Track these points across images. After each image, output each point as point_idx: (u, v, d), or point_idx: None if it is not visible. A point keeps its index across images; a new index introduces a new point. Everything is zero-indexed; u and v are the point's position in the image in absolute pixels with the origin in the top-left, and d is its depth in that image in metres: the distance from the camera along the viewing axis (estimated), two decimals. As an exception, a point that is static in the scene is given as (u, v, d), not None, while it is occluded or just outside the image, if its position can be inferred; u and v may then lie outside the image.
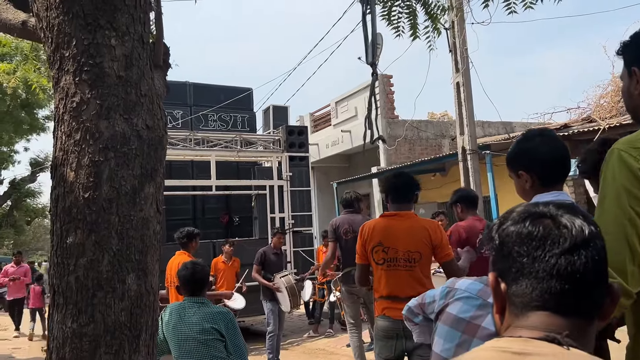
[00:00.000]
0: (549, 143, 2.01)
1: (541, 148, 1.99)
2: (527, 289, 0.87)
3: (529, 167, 1.98)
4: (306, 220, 10.62)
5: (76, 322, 1.91)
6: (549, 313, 0.86)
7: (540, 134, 2.10)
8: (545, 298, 0.86)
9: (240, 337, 3.22)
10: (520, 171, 2.00)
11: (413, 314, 2.50)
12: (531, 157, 1.99)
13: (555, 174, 1.99)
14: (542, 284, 0.86)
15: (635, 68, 1.65)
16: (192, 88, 10.93)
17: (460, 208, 4.67)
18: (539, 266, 0.87)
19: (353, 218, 5.62)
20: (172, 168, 10.03)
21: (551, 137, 2.06)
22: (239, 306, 7.42)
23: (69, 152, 1.99)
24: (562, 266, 0.85)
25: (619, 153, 1.50)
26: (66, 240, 1.94)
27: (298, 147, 10.51)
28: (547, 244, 0.87)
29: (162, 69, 2.50)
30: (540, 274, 0.86)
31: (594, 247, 0.87)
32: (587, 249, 0.86)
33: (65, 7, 2.00)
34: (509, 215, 0.96)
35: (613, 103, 9.17)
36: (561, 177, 2.01)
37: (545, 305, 0.86)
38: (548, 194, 1.91)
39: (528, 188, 1.99)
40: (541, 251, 0.87)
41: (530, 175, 1.97)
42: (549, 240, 0.88)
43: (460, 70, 8.10)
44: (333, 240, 5.74)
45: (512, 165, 2.07)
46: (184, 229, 5.74)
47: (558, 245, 0.87)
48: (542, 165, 1.96)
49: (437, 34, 4.24)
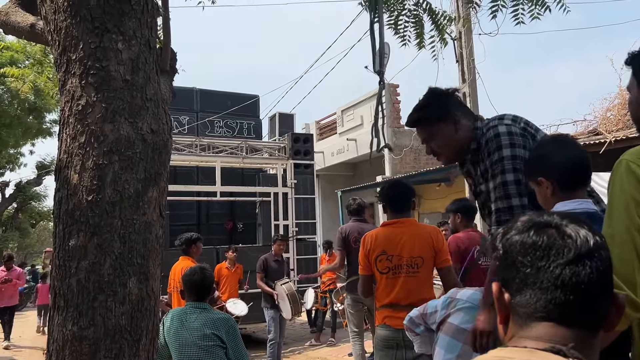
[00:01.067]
0: (564, 147, 1.96)
1: (557, 152, 1.93)
2: (531, 299, 0.86)
3: (547, 173, 1.92)
4: (310, 228, 10.60)
5: (76, 325, 1.91)
6: (553, 324, 0.84)
7: (555, 139, 2.06)
8: (549, 309, 0.85)
9: (242, 344, 3.20)
10: (540, 178, 1.94)
11: (415, 324, 2.48)
12: (548, 163, 1.93)
13: (575, 178, 1.92)
14: (546, 295, 0.85)
15: None
16: (199, 94, 10.98)
17: (460, 218, 4.69)
18: (543, 276, 0.86)
19: (363, 226, 5.61)
20: (177, 173, 10.06)
21: (567, 142, 2.02)
22: (241, 312, 7.40)
23: (74, 155, 1.99)
24: (567, 277, 0.84)
25: (627, 164, 1.49)
26: (68, 242, 1.94)
27: (303, 154, 10.52)
28: (552, 254, 0.86)
29: (168, 74, 2.51)
30: (544, 285, 0.86)
31: (598, 257, 0.86)
32: (591, 259, 0.85)
33: (73, 10, 2.01)
34: (514, 224, 0.95)
35: (619, 116, 9.13)
36: (582, 182, 1.95)
37: (549, 316, 0.85)
38: (571, 202, 1.87)
39: (550, 195, 1.93)
40: (545, 261, 0.86)
41: (551, 182, 1.91)
42: (553, 250, 0.87)
43: (467, 80, 8.10)
44: (340, 249, 5.73)
45: (530, 174, 2.01)
46: (183, 235, 5.75)
47: (562, 255, 0.86)
48: (560, 170, 1.90)
49: (444, 43, 4.25)
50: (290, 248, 9.97)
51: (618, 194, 1.48)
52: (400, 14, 4.00)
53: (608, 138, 7.17)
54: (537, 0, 3.69)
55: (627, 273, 1.39)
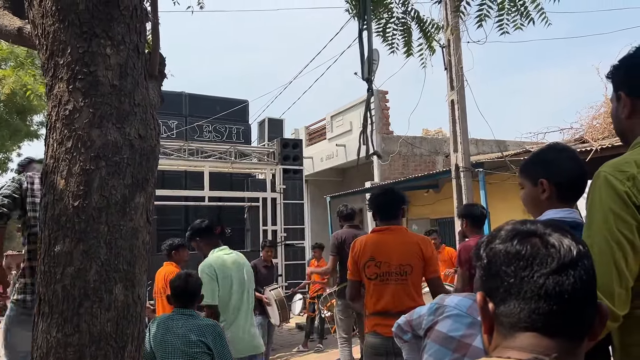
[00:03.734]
0: (576, 159, 1.99)
1: (569, 161, 1.96)
2: (515, 309, 0.86)
3: (553, 177, 1.93)
4: (298, 234, 10.60)
5: (61, 332, 1.88)
6: (537, 334, 0.85)
7: (567, 148, 2.08)
8: (533, 319, 0.85)
9: (228, 350, 3.18)
10: (541, 179, 1.95)
11: (402, 331, 2.48)
12: (558, 168, 1.95)
13: (575, 191, 1.96)
14: (530, 305, 0.85)
15: (621, 92, 1.67)
16: (188, 98, 10.96)
17: (465, 223, 4.68)
18: (526, 286, 0.86)
19: (357, 233, 5.65)
20: (165, 178, 10.02)
21: (576, 155, 2.04)
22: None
23: (60, 160, 1.97)
24: (550, 287, 0.85)
25: (606, 176, 1.51)
26: (54, 248, 1.92)
27: (292, 160, 10.52)
28: (535, 264, 0.86)
29: (157, 79, 2.50)
30: (528, 295, 0.86)
31: (582, 266, 0.86)
32: (575, 269, 0.86)
33: (61, 14, 2.00)
34: (498, 232, 0.95)
35: (605, 124, 9.25)
36: (578, 195, 1.99)
37: (533, 326, 0.85)
38: (562, 210, 1.90)
39: (544, 199, 1.94)
40: (529, 271, 0.86)
41: (551, 187, 1.93)
42: (536, 260, 0.87)
43: (455, 88, 8.15)
44: (334, 254, 5.75)
45: (531, 172, 2.01)
46: (167, 240, 5.77)
47: (546, 265, 0.86)
48: (568, 179, 1.93)
49: (432, 51, 4.27)
50: (278, 253, 9.95)
51: (597, 206, 1.51)
52: (388, 21, 4.02)
53: (594, 146, 7.25)
54: (521, 11, 3.73)
55: (605, 284, 1.41)
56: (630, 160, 1.53)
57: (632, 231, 1.44)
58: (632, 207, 1.45)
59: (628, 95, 1.66)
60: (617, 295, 1.42)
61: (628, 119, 1.67)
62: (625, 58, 1.71)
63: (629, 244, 1.44)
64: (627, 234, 1.44)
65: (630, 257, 1.44)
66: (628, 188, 1.46)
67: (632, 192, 1.46)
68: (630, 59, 1.70)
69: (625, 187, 1.46)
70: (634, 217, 1.45)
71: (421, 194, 12.06)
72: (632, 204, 1.45)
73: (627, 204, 1.46)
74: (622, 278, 1.43)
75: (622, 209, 1.45)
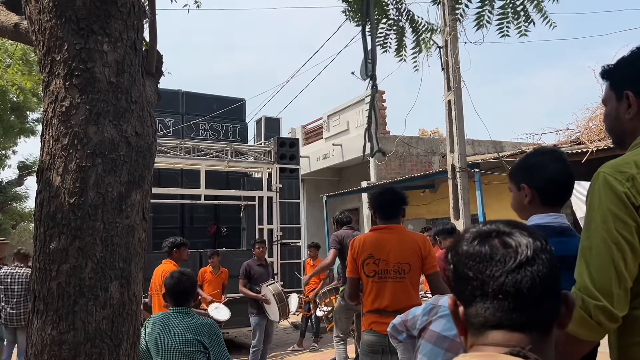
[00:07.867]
0: (559, 162, 1.96)
1: (551, 165, 1.94)
2: (480, 309, 0.89)
3: (533, 181, 1.93)
4: (295, 233, 10.58)
5: (56, 329, 1.88)
6: (505, 331, 0.87)
7: (552, 151, 2.05)
8: (498, 317, 0.88)
9: (224, 349, 3.18)
10: (523, 184, 1.95)
11: (397, 331, 2.49)
12: (538, 172, 1.94)
13: (558, 194, 1.94)
14: (493, 304, 0.88)
15: (628, 92, 1.63)
16: (185, 96, 10.91)
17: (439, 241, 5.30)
18: (488, 287, 0.88)
19: (356, 233, 5.72)
20: (162, 176, 9.98)
21: (562, 157, 2.01)
22: (224, 317, 7.35)
23: (56, 157, 1.97)
24: (509, 285, 0.87)
25: (605, 177, 1.51)
26: (49, 245, 1.92)
27: (289, 159, 10.50)
28: (494, 264, 0.89)
29: (154, 76, 2.49)
30: (490, 294, 0.88)
31: (540, 262, 0.89)
32: (532, 265, 0.88)
33: (58, 11, 1.99)
34: (463, 235, 0.98)
35: (601, 126, 9.26)
36: (563, 198, 1.97)
37: (501, 324, 0.87)
38: (547, 215, 1.89)
39: (526, 204, 1.94)
40: (489, 271, 0.89)
41: (532, 191, 1.92)
42: (495, 259, 0.89)
43: (452, 88, 8.16)
44: (336, 247, 5.79)
45: (515, 177, 2.01)
46: (168, 238, 5.76)
47: (504, 264, 0.88)
48: (548, 182, 1.92)
49: (426, 52, 4.25)
50: (274, 252, 9.94)
51: (596, 207, 1.50)
52: (379, 21, 4.00)
53: (590, 147, 7.26)
54: (523, 16, 3.70)
55: (604, 284, 1.41)
56: (630, 160, 1.52)
57: (631, 232, 1.44)
58: (631, 208, 1.45)
59: (637, 95, 1.62)
60: (616, 296, 1.42)
61: (631, 119, 1.64)
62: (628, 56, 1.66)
63: (628, 245, 1.44)
64: (626, 235, 1.44)
65: (629, 258, 1.44)
66: (627, 189, 1.46)
67: (631, 193, 1.45)
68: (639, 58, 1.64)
69: (624, 188, 1.46)
70: (633, 218, 1.44)
71: (417, 194, 12.07)
72: (631, 205, 1.45)
73: (626, 205, 1.45)
74: (621, 279, 1.43)
75: (621, 210, 1.45)
